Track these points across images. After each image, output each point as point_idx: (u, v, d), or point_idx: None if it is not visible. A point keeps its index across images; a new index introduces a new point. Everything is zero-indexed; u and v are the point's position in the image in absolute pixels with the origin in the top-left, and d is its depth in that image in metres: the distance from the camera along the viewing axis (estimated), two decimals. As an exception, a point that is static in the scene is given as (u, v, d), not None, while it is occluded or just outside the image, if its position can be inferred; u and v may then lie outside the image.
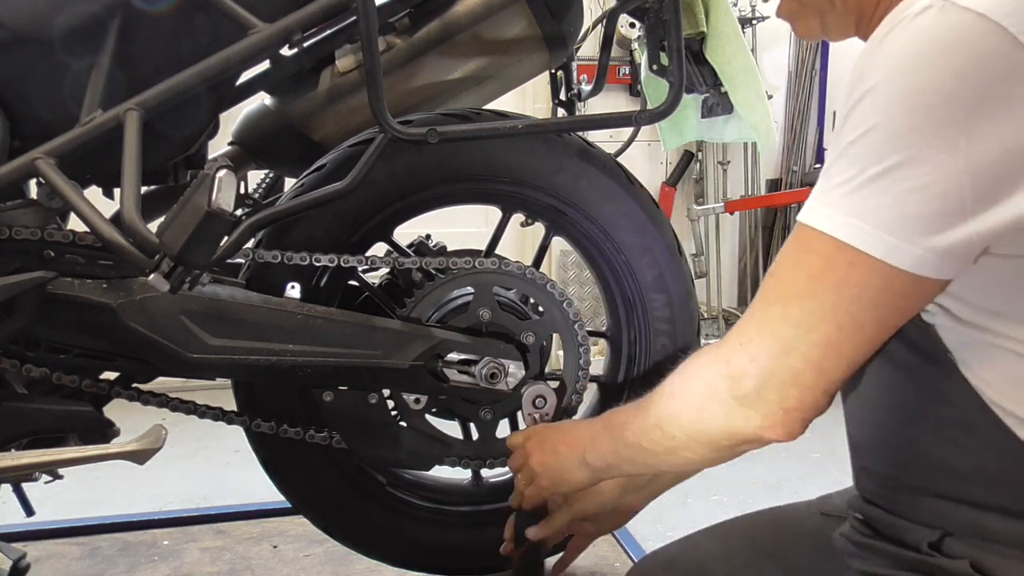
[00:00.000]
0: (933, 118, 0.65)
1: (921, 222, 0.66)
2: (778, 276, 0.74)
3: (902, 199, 0.66)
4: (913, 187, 0.65)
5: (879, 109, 0.67)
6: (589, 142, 1.46)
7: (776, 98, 3.79)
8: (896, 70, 0.66)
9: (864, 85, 0.68)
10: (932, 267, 0.67)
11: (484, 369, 1.36)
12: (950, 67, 0.64)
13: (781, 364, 0.71)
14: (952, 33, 0.65)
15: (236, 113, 1.54)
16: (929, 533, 0.76)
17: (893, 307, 0.70)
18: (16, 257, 1.24)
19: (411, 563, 1.58)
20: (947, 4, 0.66)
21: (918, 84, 0.65)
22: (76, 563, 1.79)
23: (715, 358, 0.77)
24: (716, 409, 0.76)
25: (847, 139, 0.69)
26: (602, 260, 1.50)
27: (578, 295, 3.54)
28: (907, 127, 0.65)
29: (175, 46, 1.27)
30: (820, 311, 0.70)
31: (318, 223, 1.37)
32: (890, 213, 0.66)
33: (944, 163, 0.64)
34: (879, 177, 0.66)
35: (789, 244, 0.75)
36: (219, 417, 1.37)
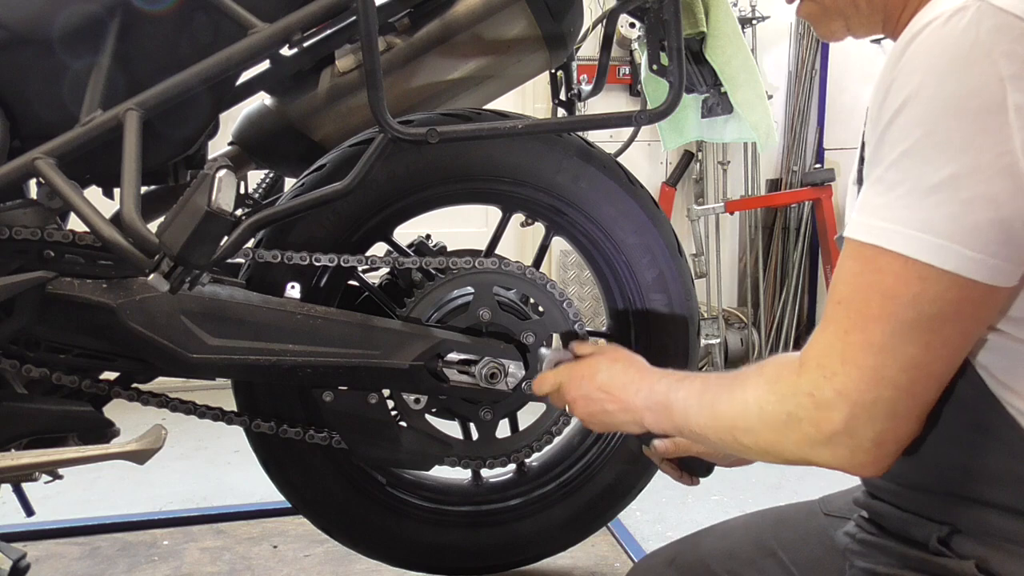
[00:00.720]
0: (983, 121, 0.64)
1: (993, 229, 0.64)
2: (847, 302, 0.70)
3: (969, 208, 0.64)
4: (975, 196, 0.64)
5: (925, 116, 0.65)
6: (589, 142, 1.46)
7: (776, 98, 3.79)
8: (937, 75, 0.65)
9: (903, 91, 0.66)
10: (1006, 275, 0.66)
11: (484, 369, 1.36)
12: (995, 71, 0.63)
13: (873, 396, 0.68)
14: (993, 35, 0.64)
15: (236, 113, 1.54)
16: (937, 529, 0.75)
17: (973, 318, 0.68)
18: (16, 257, 1.24)
19: (411, 563, 1.58)
20: (984, 5, 0.64)
21: (965, 88, 0.64)
22: (76, 563, 1.79)
23: (797, 389, 0.72)
24: (798, 439, 0.73)
25: (898, 149, 0.67)
26: (602, 260, 1.50)
27: (578, 295, 3.54)
28: (960, 133, 0.64)
29: (175, 46, 1.27)
30: (901, 332, 0.67)
31: (318, 223, 1.37)
32: (959, 224, 0.65)
33: (1003, 165, 0.63)
34: (938, 189, 0.65)
35: (849, 264, 0.71)
36: (219, 417, 1.37)
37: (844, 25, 0.85)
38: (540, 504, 1.58)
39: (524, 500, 1.58)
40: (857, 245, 0.70)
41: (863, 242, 0.69)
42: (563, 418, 1.45)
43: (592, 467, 1.57)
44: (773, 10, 3.69)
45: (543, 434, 1.46)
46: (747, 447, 0.79)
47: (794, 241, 3.85)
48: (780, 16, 3.77)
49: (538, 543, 1.60)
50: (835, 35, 0.87)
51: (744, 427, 0.78)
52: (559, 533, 1.59)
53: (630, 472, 1.57)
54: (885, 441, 0.70)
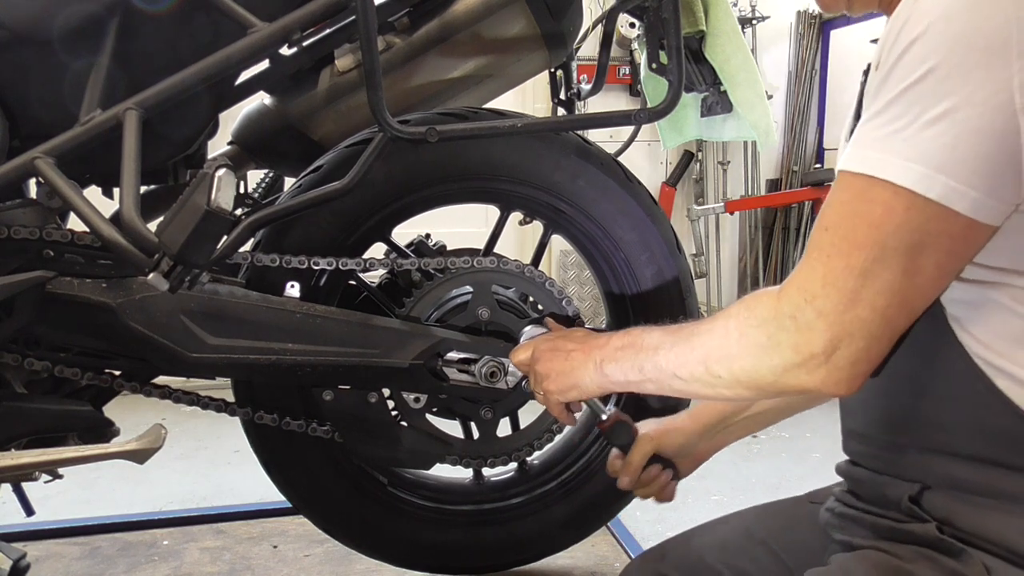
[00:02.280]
0: (987, 58, 0.65)
1: (981, 163, 0.66)
2: (834, 228, 0.72)
3: (960, 140, 0.66)
4: (969, 129, 0.65)
5: (933, 50, 0.66)
6: (587, 140, 1.46)
7: (776, 98, 3.79)
8: (949, 11, 0.66)
9: (913, 30, 0.67)
10: (989, 212, 0.68)
11: (484, 368, 1.36)
12: (1004, 10, 0.65)
13: (851, 316, 0.71)
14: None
15: (236, 113, 1.54)
16: (908, 487, 0.77)
17: (952, 251, 0.70)
18: (16, 256, 1.24)
19: (411, 563, 1.58)
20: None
21: (974, 25, 0.65)
22: (76, 563, 1.79)
23: (779, 312, 0.74)
24: (777, 362, 0.75)
25: (901, 84, 0.68)
26: (601, 258, 1.50)
27: (578, 295, 3.54)
28: (965, 67, 0.65)
29: (175, 46, 1.27)
30: (883, 258, 0.69)
31: (317, 223, 1.37)
32: (950, 156, 0.66)
33: (1001, 103, 0.65)
34: (939, 119, 0.66)
35: (839, 194, 0.73)
36: (222, 409, 1.37)
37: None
38: (541, 503, 1.58)
39: (525, 499, 1.58)
40: (850, 176, 0.71)
41: (856, 172, 0.71)
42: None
43: (593, 466, 1.57)
44: (773, 10, 3.69)
45: (544, 432, 1.46)
46: (718, 377, 0.80)
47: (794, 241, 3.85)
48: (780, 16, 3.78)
49: (539, 542, 1.60)
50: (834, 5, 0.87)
51: (719, 355, 0.80)
52: (559, 532, 1.59)
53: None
54: (859, 360, 0.72)
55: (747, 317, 0.77)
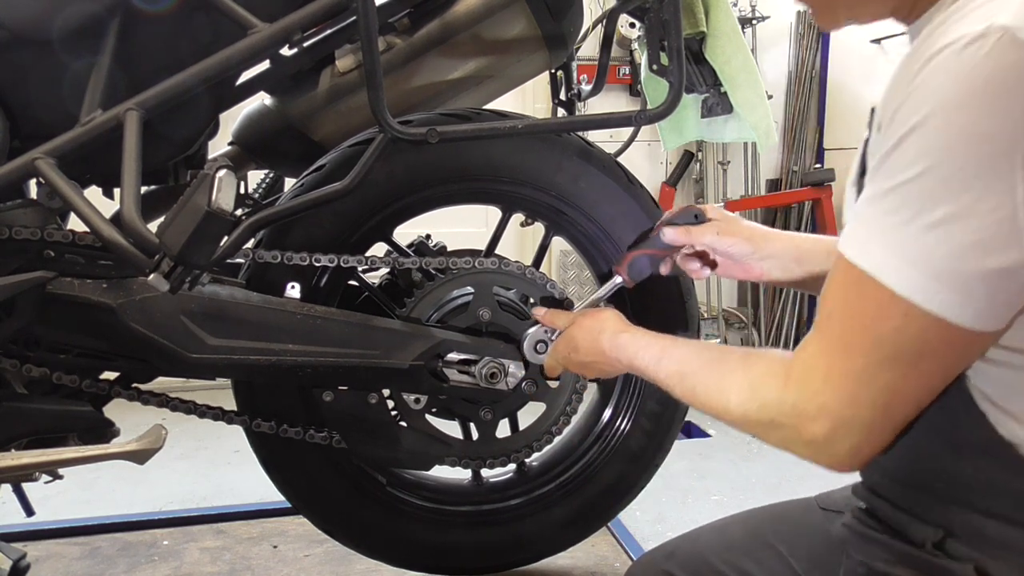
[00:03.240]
0: (992, 167, 0.61)
1: (981, 277, 0.63)
2: (834, 319, 0.71)
3: (961, 253, 0.63)
4: (971, 241, 0.62)
5: (933, 148, 0.63)
6: (588, 142, 1.46)
7: (776, 98, 3.79)
8: (950, 106, 0.62)
9: (914, 115, 0.64)
10: (990, 321, 0.66)
11: (484, 369, 1.36)
12: (1011, 113, 0.60)
13: (851, 414, 0.70)
14: (1012, 75, 0.60)
15: (236, 113, 1.54)
16: (933, 532, 0.75)
17: (953, 358, 0.69)
18: (16, 257, 1.24)
19: (411, 563, 1.58)
20: (1006, 37, 0.60)
21: (975, 127, 0.61)
22: (76, 563, 1.79)
23: (783, 400, 0.74)
24: (780, 438, 0.76)
25: (900, 176, 0.65)
26: (602, 259, 1.50)
27: (578, 295, 3.54)
28: (965, 173, 0.62)
29: (175, 46, 1.27)
30: (882, 361, 0.68)
31: (318, 223, 1.37)
32: (947, 266, 0.63)
33: (1003, 217, 0.61)
34: (935, 226, 0.63)
35: (840, 277, 0.71)
36: (219, 417, 1.37)
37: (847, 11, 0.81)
38: (540, 504, 1.58)
39: (524, 500, 1.58)
40: (848, 264, 0.69)
41: (853, 263, 0.69)
42: (563, 418, 1.46)
43: (592, 467, 1.57)
44: (773, 10, 3.69)
45: (543, 434, 1.46)
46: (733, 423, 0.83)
47: (794, 241, 3.85)
48: (780, 16, 3.77)
49: (538, 543, 1.60)
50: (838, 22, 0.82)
51: (726, 420, 0.83)
52: (559, 533, 1.59)
53: (630, 472, 1.57)
54: (861, 452, 0.72)
55: (750, 398, 0.79)
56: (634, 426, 1.55)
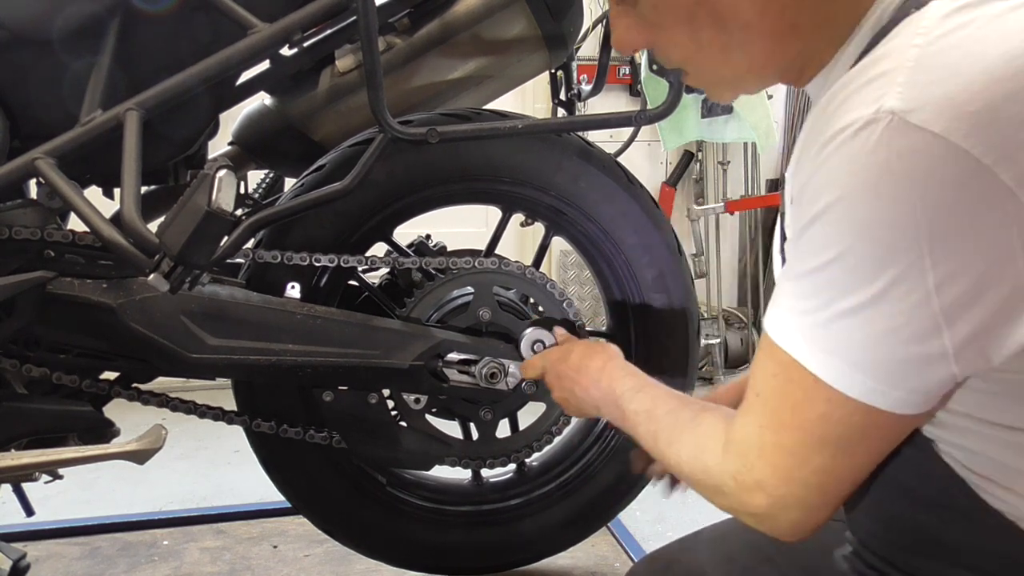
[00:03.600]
0: (896, 254, 0.59)
1: (900, 365, 0.62)
2: (764, 398, 0.71)
3: (877, 341, 0.62)
4: (886, 329, 0.61)
5: (835, 239, 0.61)
6: (589, 142, 1.46)
7: (776, 98, 3.79)
8: (851, 194, 0.60)
9: (819, 199, 0.62)
10: (916, 406, 0.64)
11: (484, 369, 1.36)
12: (909, 199, 0.58)
13: (786, 492, 0.70)
14: (909, 160, 0.57)
15: (236, 113, 1.54)
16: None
17: (881, 440, 0.68)
18: (16, 257, 1.24)
19: (411, 563, 1.58)
20: (896, 120, 0.58)
21: (875, 216, 0.59)
22: (76, 563, 1.79)
23: (722, 470, 0.75)
24: (726, 505, 0.77)
25: (811, 262, 0.64)
26: (602, 260, 1.50)
27: (578, 295, 3.54)
28: (871, 263, 0.60)
29: (175, 46, 1.27)
30: (810, 443, 0.68)
31: (318, 223, 1.37)
32: (866, 355, 0.63)
33: (917, 303, 0.60)
34: (850, 315, 0.62)
35: (765, 359, 0.70)
36: (219, 417, 1.37)
37: (730, 89, 0.81)
38: (540, 504, 1.58)
39: (524, 500, 1.58)
40: (773, 344, 0.69)
41: (778, 345, 0.68)
42: (563, 418, 1.46)
43: (592, 467, 1.57)
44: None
45: (543, 434, 1.46)
46: (687, 480, 0.84)
47: (794, 241, 3.85)
48: (780, 16, 3.76)
49: (538, 543, 1.60)
50: (726, 97, 0.83)
51: (680, 475, 0.85)
52: (559, 533, 1.59)
53: (630, 472, 1.56)
54: (802, 526, 0.72)
55: (695, 461, 0.80)
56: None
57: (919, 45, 0.60)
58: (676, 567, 0.99)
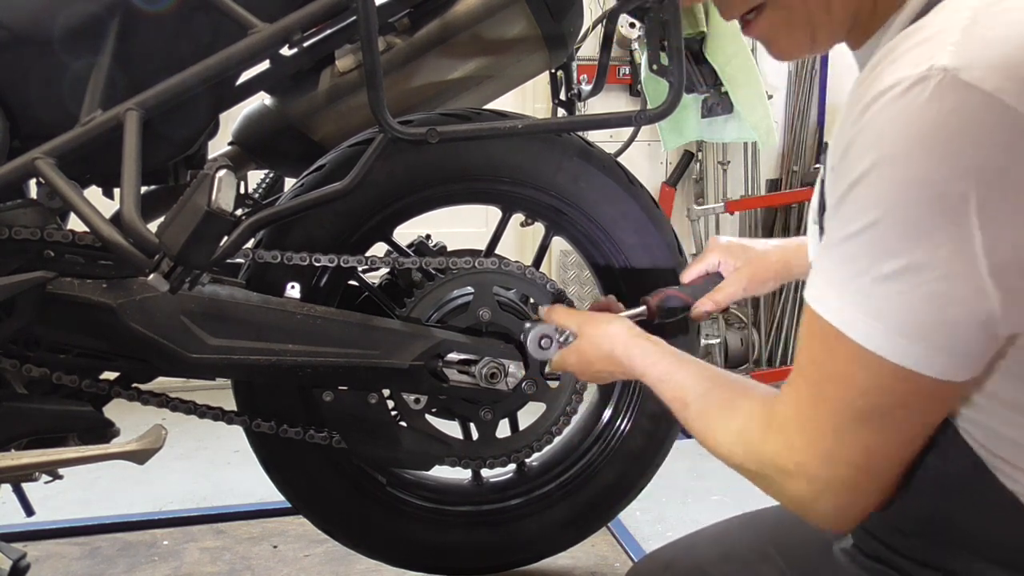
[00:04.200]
0: (943, 214, 0.58)
1: (946, 329, 0.61)
2: (806, 373, 0.69)
3: (922, 305, 0.60)
4: (932, 292, 0.59)
5: (882, 198, 0.60)
6: (589, 142, 1.46)
7: (776, 98, 3.78)
8: (896, 155, 0.59)
9: (861, 161, 0.61)
10: (960, 371, 0.63)
11: (484, 369, 1.36)
12: (958, 159, 0.57)
13: (829, 474, 0.68)
14: (957, 118, 0.57)
15: (236, 113, 1.54)
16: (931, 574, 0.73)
17: (926, 409, 0.66)
18: (16, 257, 1.24)
19: (411, 563, 1.58)
20: (947, 77, 0.57)
21: (922, 174, 0.58)
22: (76, 563, 1.79)
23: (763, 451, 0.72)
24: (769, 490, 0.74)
25: (852, 226, 0.62)
26: (602, 260, 1.50)
27: (578, 295, 3.54)
28: (916, 224, 0.59)
29: (175, 46, 1.27)
30: (855, 418, 0.65)
31: (318, 223, 1.37)
32: (911, 318, 0.61)
33: (962, 267, 0.58)
34: (894, 278, 0.61)
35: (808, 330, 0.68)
36: (219, 417, 1.37)
37: (809, 36, 0.78)
38: (540, 504, 1.58)
39: (524, 500, 1.58)
40: (814, 316, 0.67)
41: (819, 315, 0.66)
42: (563, 418, 1.46)
43: (592, 467, 1.57)
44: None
45: (543, 434, 1.46)
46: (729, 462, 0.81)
47: (794, 241, 3.84)
48: (780, 16, 3.76)
49: (538, 543, 1.60)
50: (797, 50, 0.80)
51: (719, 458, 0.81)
52: (559, 533, 1.59)
53: (630, 472, 1.57)
54: (847, 511, 0.70)
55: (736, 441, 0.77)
56: (634, 426, 1.55)
57: (973, 7, 0.60)
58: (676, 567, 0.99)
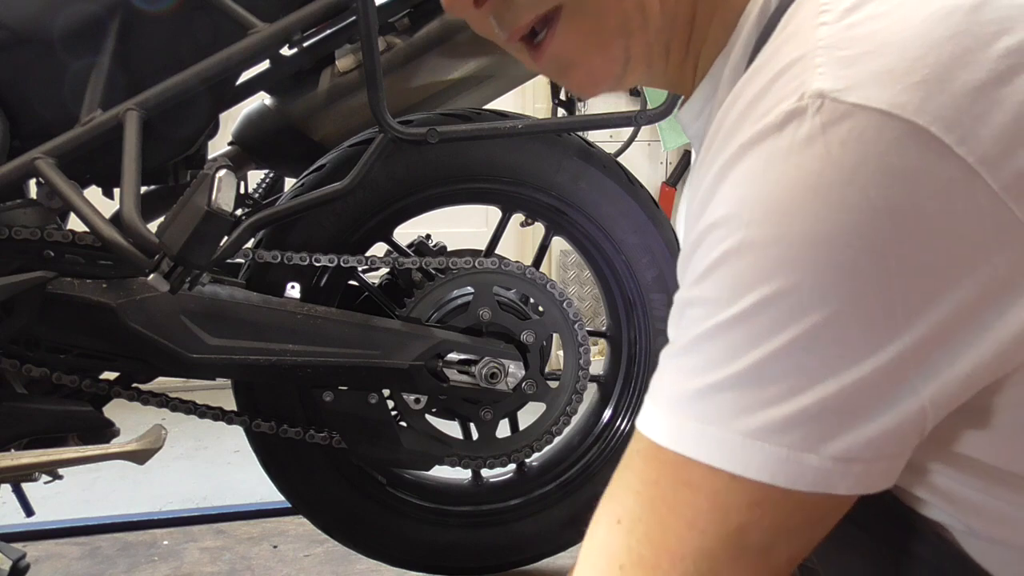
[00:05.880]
0: (856, 276, 0.42)
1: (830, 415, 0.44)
2: (625, 524, 0.48)
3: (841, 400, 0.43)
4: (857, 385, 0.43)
5: (758, 276, 0.43)
6: (589, 142, 1.46)
7: (776, 98, 3.79)
8: (773, 213, 0.43)
9: (716, 248, 0.45)
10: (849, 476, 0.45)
11: (484, 369, 1.36)
12: (867, 203, 0.41)
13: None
14: (855, 148, 0.41)
15: (236, 113, 1.54)
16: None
17: (816, 530, 0.48)
18: (16, 257, 1.24)
19: (411, 563, 1.58)
20: (828, 103, 0.42)
21: (818, 229, 0.42)
22: (76, 563, 1.79)
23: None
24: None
25: (709, 321, 0.45)
26: (602, 260, 1.50)
27: (578, 295, 3.54)
28: (818, 295, 0.42)
29: (175, 46, 1.27)
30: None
31: (318, 223, 1.37)
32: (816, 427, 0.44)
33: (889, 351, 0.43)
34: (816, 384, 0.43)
35: (636, 464, 0.50)
36: (219, 417, 1.37)
37: (623, 49, 0.57)
38: (540, 504, 1.58)
39: (524, 500, 1.58)
40: (654, 449, 0.48)
41: (664, 447, 0.47)
42: (563, 418, 1.46)
43: (592, 467, 1.57)
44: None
45: (543, 434, 1.46)
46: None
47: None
48: (780, 16, 3.76)
49: (538, 543, 1.60)
50: (607, 68, 0.58)
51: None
52: (559, 533, 1.59)
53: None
54: None
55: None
56: (634, 426, 1.55)
57: (827, 22, 0.45)
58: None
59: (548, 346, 1.45)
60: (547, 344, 1.44)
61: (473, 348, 1.36)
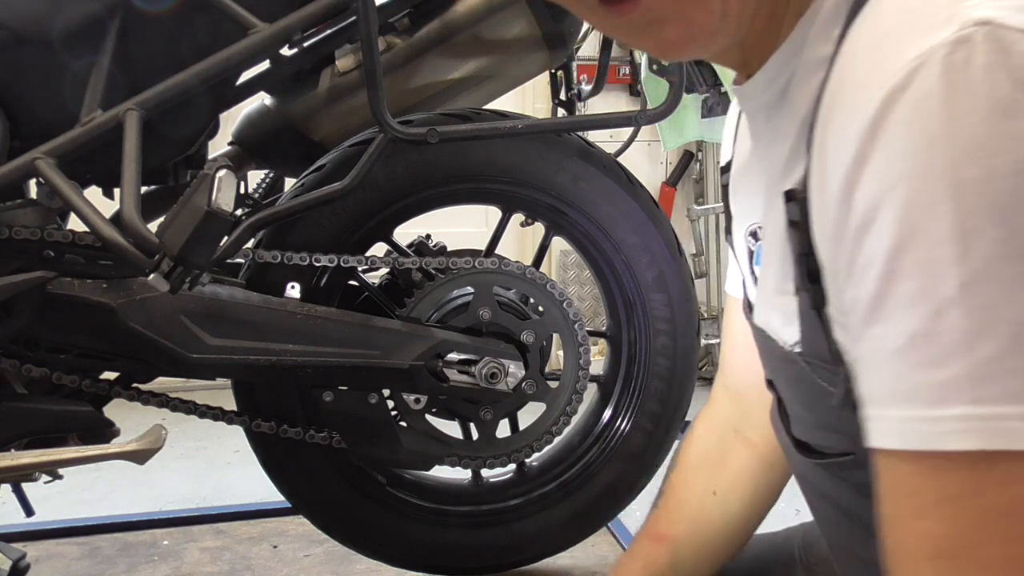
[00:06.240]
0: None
1: None
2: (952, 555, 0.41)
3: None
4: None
5: (967, 229, 0.38)
6: (589, 142, 1.46)
7: (776, 98, 3.79)
8: (961, 152, 0.38)
9: (924, 189, 0.39)
10: None
11: (484, 369, 1.36)
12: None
13: None
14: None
15: (236, 113, 1.54)
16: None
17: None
18: (16, 257, 1.24)
19: (411, 563, 1.58)
20: (995, 29, 0.39)
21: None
22: (76, 563, 1.79)
23: None
24: None
25: (928, 303, 0.39)
26: (602, 260, 1.50)
27: (578, 295, 3.54)
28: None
29: (175, 46, 1.27)
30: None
31: (318, 223, 1.37)
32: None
33: None
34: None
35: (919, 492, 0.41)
36: (219, 417, 1.37)
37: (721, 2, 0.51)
38: (540, 504, 1.58)
39: (524, 500, 1.58)
40: (940, 460, 0.40)
41: (955, 452, 0.39)
42: (563, 418, 1.46)
43: (592, 467, 1.57)
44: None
45: (543, 434, 1.46)
46: None
47: (794, 241, 3.84)
48: (780, 16, 3.76)
49: (538, 543, 1.60)
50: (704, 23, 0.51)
51: None
52: (559, 533, 1.59)
53: (630, 472, 1.57)
54: None
55: None
56: (634, 426, 1.55)
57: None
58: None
59: (548, 346, 1.45)
60: (547, 344, 1.44)
61: (473, 348, 1.36)
